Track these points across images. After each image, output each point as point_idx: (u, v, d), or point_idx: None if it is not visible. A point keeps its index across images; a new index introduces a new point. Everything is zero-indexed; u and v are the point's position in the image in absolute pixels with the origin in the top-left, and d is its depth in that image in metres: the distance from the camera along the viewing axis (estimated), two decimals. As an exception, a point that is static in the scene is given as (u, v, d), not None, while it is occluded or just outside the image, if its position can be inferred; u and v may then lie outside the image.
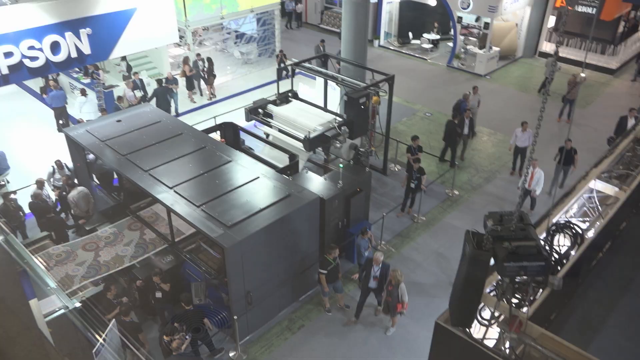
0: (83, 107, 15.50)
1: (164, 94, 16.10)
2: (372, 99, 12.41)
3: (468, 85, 18.14)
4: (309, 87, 16.40)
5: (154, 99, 15.81)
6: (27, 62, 11.96)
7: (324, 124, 11.79)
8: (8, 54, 11.62)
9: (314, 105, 13.10)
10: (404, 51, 22.99)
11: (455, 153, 14.57)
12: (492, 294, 4.87)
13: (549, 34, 22.32)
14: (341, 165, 10.68)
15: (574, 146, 12.88)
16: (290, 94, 13.28)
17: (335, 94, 14.15)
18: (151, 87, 16.76)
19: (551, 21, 22.02)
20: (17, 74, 11.97)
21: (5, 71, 11.62)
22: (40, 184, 11.53)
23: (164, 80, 16.27)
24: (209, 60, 18.21)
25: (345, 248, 10.92)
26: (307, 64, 13.86)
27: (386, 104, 13.19)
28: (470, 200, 13.29)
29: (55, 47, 12.30)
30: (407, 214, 12.75)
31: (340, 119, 12.08)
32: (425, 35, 23.04)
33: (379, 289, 9.52)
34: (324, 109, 13.19)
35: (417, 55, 22.57)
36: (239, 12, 19.30)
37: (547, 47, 22.32)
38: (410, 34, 23.44)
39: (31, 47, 11.94)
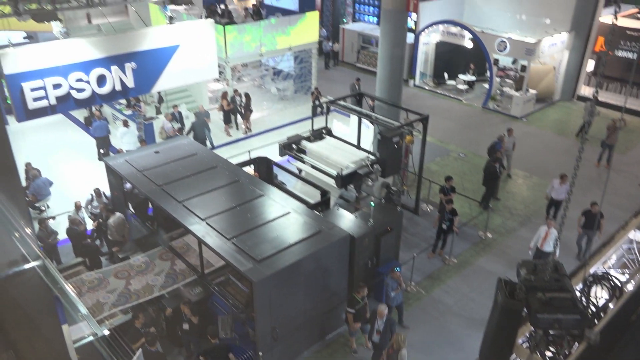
0: (124, 137, 16.02)
1: (201, 127, 16.52)
2: (405, 138, 12.43)
3: (503, 127, 18.00)
4: (343, 125, 16.56)
5: (192, 132, 16.24)
6: (74, 93, 12.51)
7: (356, 162, 11.84)
8: (57, 86, 12.19)
9: (348, 142, 13.20)
10: (439, 91, 23.07)
11: (491, 195, 14.34)
12: (524, 345, 4.71)
13: (588, 77, 22.08)
14: (372, 204, 10.66)
15: (600, 199, 12.24)
16: (324, 131, 13.44)
17: (369, 132, 14.24)
18: (190, 120, 17.24)
19: (590, 65, 21.81)
20: (64, 104, 12.52)
21: (53, 102, 12.18)
22: (77, 207, 11.94)
23: (196, 113, 16.74)
24: (247, 95, 18.66)
25: (374, 287, 10.77)
26: (342, 102, 14.05)
27: (420, 144, 13.18)
28: (504, 245, 12.99)
29: (101, 80, 12.84)
30: (438, 256, 12.54)
31: (373, 157, 12.12)
32: (460, 76, 23.11)
33: (381, 344, 9.03)
34: (357, 146, 13.27)
35: (452, 95, 22.61)
36: (277, 50, 19.82)
37: (585, 91, 22.04)
38: (446, 75, 23.55)
39: (79, 80, 12.50)
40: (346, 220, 10.49)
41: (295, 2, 22.06)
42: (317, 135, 13.23)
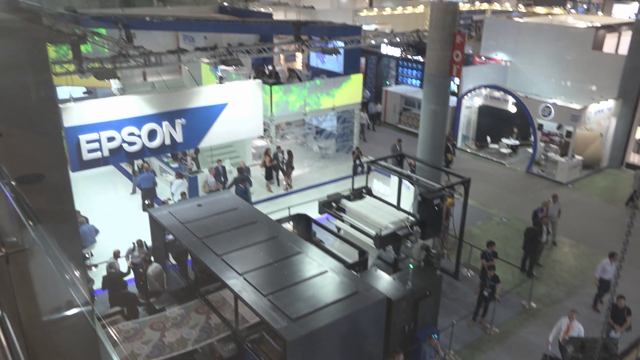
0: (179, 189, 16.37)
1: (243, 182, 16.85)
2: (446, 200, 12.31)
3: (548, 192, 17.59)
4: (383, 185, 16.60)
5: (234, 187, 16.56)
6: (125, 146, 13.10)
7: (396, 223, 11.75)
8: (111, 139, 12.81)
9: (387, 203, 13.17)
10: (481, 154, 22.93)
11: (534, 262, 13.87)
12: None
13: (637, 145, 21.52)
14: (411, 266, 10.46)
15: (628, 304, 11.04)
16: (364, 190, 13.48)
17: (409, 193, 14.19)
18: (233, 174, 17.65)
19: (639, 132, 21.32)
20: (116, 156, 13.11)
21: (106, 154, 12.77)
22: (115, 255, 12.21)
23: (238, 168, 17.14)
24: (289, 152, 19.04)
25: (410, 354, 10.38)
26: (382, 162, 14.14)
27: (461, 206, 13.01)
28: (549, 315, 12.38)
29: (152, 135, 13.44)
30: (479, 324, 12.05)
31: (413, 219, 12.01)
32: (503, 139, 22.96)
33: None
34: (397, 207, 13.21)
35: (494, 159, 22.40)
36: (321, 110, 20.33)
37: (634, 158, 21.44)
38: (489, 138, 23.46)
39: (131, 134, 13.12)
40: (384, 282, 10.30)
41: (340, 64, 22.75)
42: (357, 194, 13.27)
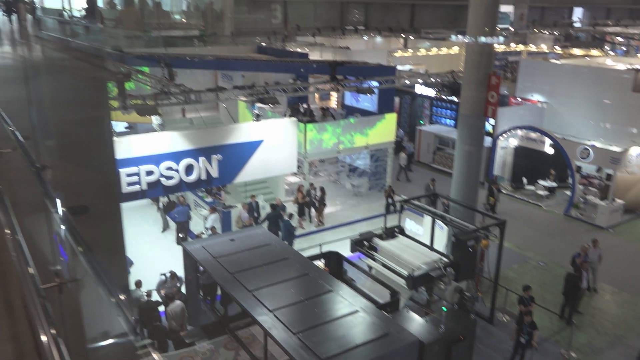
0: (214, 223, 16.59)
1: (276, 218, 16.96)
2: (481, 242, 12.08)
3: (587, 236, 17.06)
4: (416, 225, 16.42)
5: (266, 222, 16.67)
6: (163, 180, 13.44)
7: (429, 263, 11.57)
8: (149, 173, 13.17)
9: (420, 243, 13.01)
10: (517, 196, 22.51)
11: (574, 309, 13.35)
12: None
13: (682, 190, 20.77)
14: (444, 309, 10.22)
15: None
16: (396, 229, 13.37)
17: (442, 233, 14.00)
18: (265, 210, 17.80)
19: (684, 177, 20.60)
20: (154, 190, 13.44)
21: (144, 187, 13.12)
22: (137, 285, 12.29)
23: (271, 204, 17.26)
24: (322, 189, 19.13)
25: (442, 401, 10.02)
26: (416, 201, 14.05)
27: (496, 249, 12.73)
28: (590, 366, 11.82)
29: (189, 169, 13.75)
30: (515, 372, 11.58)
31: (447, 260, 11.80)
32: (540, 181, 22.52)
33: None
34: (430, 247, 13.03)
35: (531, 201, 21.94)
36: (354, 148, 20.45)
37: (680, 203, 20.66)
38: (525, 180, 23.05)
39: (169, 168, 13.47)
40: (416, 324, 10.07)
41: (375, 104, 22.97)
42: (390, 233, 13.17)
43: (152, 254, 16.40)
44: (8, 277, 3.58)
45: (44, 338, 2.13)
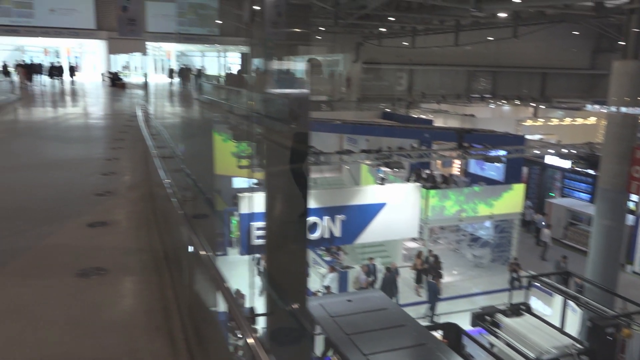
0: (333, 282, 16.89)
1: (391, 282, 16.79)
2: (622, 331, 10.90)
3: None
4: (544, 304, 15.25)
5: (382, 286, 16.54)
6: (289, 236, 14.06)
7: (559, 348, 10.66)
8: (274, 228, 13.90)
9: (549, 324, 12.06)
10: (664, 283, 20.03)
11: None
12: None
13: None
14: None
15: None
16: (522, 307, 12.57)
17: (575, 316, 12.85)
18: (382, 274, 17.69)
19: None
20: (279, 244, 14.09)
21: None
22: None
23: (387, 268, 17.12)
24: (435, 257, 18.62)
25: None
26: (545, 279, 13.16)
27: (640, 341, 11.38)
28: None
29: (313, 227, 14.27)
30: None
31: (580, 346, 10.78)
32: (694, 268, 19.92)
33: None
34: (561, 330, 12.00)
35: (682, 290, 19.39)
36: (477, 217, 19.82)
37: None
38: (674, 265, 20.52)
39: (295, 225, 14.09)
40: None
41: (501, 173, 22.28)
42: (515, 310, 12.41)
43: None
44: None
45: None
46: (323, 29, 35.15)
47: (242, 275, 19.29)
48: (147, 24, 41.95)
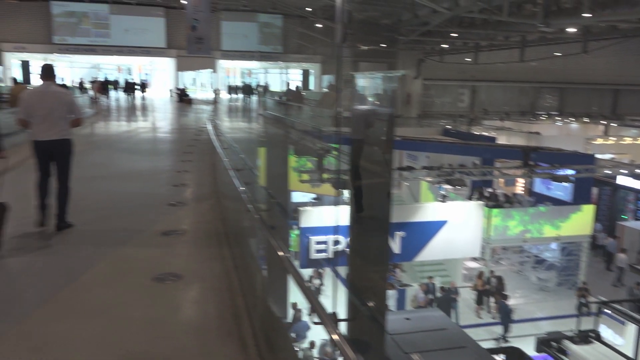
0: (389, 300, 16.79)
1: (447, 302, 16.45)
2: None
3: None
4: (614, 332, 14.43)
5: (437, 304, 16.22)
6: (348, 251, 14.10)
7: (633, 380, 10.06)
8: (336, 242, 13.97)
9: (621, 354, 11.42)
10: None
11: None
12: None
13: None
14: None
15: None
16: (592, 334, 11.97)
17: (650, 347, 12.11)
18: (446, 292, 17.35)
19: None
20: (338, 259, 14.15)
21: (330, 255, 13.92)
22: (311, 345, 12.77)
23: (443, 288, 16.76)
24: (499, 279, 18.06)
25: None
26: (617, 306, 12.49)
27: None
28: None
29: (372, 243, 14.26)
30: None
31: (657, 380, 10.13)
32: None
33: None
34: (635, 361, 11.34)
35: None
36: (542, 239, 19.08)
37: None
38: None
39: (354, 240, 14.14)
40: None
41: (568, 193, 21.36)
42: (584, 337, 11.84)
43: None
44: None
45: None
46: (384, 45, 35.22)
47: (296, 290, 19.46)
48: (221, 43, 43.84)
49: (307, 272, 17.48)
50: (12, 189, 6.15)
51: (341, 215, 14.20)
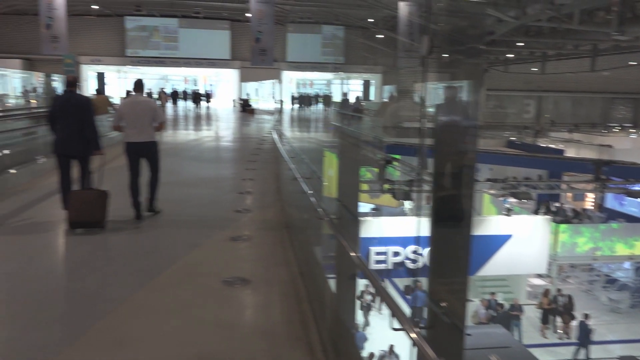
0: None
1: (508, 319, 15.91)
2: None
3: None
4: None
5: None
6: (407, 262, 13.97)
7: None
8: (396, 254, 13.89)
9: None
10: None
11: None
12: None
13: None
14: None
15: None
16: (671, 361, 11.20)
17: None
18: (503, 310, 16.79)
19: None
20: (397, 270, 14.05)
21: (390, 267, 13.82)
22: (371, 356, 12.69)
23: (501, 305, 16.22)
24: (570, 297, 17.27)
25: None
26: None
27: None
28: None
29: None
30: None
31: None
32: None
33: None
34: None
35: None
36: (614, 257, 18.09)
37: None
38: None
39: (415, 252, 13.98)
40: None
41: (643, 210, 20.25)
42: (661, 363, 11.09)
43: (384, 333, 16.75)
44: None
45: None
46: (447, 55, 34.76)
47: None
48: (286, 54, 44.82)
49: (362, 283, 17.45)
50: (109, 180, 7.01)
51: (403, 225, 14.10)
